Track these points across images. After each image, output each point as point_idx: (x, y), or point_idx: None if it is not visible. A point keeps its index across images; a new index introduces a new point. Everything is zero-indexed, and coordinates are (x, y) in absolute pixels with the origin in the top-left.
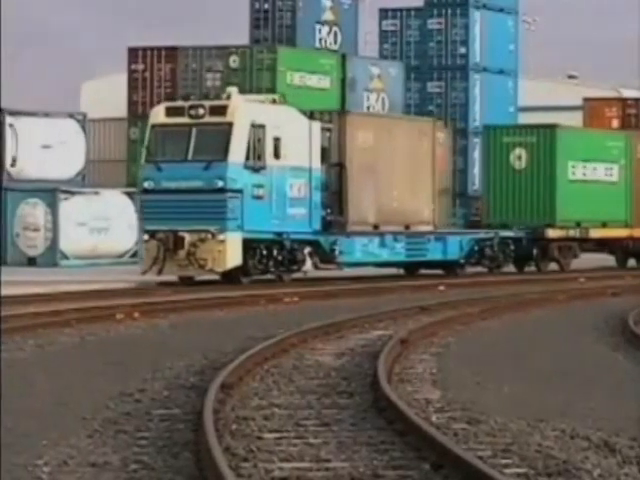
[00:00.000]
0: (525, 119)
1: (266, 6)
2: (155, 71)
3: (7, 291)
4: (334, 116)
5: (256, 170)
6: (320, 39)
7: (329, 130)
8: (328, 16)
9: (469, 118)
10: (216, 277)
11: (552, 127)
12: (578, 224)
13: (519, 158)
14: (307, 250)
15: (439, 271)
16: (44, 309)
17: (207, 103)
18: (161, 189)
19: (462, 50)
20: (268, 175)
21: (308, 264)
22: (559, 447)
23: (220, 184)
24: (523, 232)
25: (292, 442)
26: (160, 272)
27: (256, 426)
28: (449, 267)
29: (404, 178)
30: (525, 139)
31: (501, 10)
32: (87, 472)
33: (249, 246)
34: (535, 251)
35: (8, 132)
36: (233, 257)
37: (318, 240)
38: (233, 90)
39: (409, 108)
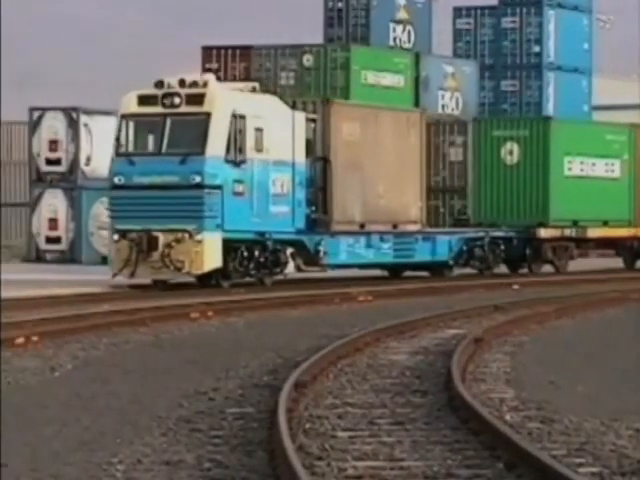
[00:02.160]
0: (599, 117)
1: (340, 5)
2: (229, 70)
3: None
4: (318, 106)
5: (237, 164)
6: (394, 38)
7: (313, 121)
8: (402, 15)
9: None
10: (192, 280)
11: (545, 120)
12: (575, 223)
13: (510, 153)
14: (290, 251)
15: (425, 273)
16: (119, 307)
17: (183, 91)
18: (133, 185)
19: (536, 49)
20: (249, 170)
21: (291, 266)
22: (633, 446)
23: (197, 179)
24: (514, 231)
25: (366, 441)
26: (132, 275)
27: (330, 425)
28: (437, 269)
29: (391, 173)
30: (517, 132)
31: (575, 8)
32: (161, 470)
33: (229, 247)
34: (527, 251)
35: (83, 131)
36: (212, 259)
37: (302, 240)
38: (210, 77)
39: (483, 107)
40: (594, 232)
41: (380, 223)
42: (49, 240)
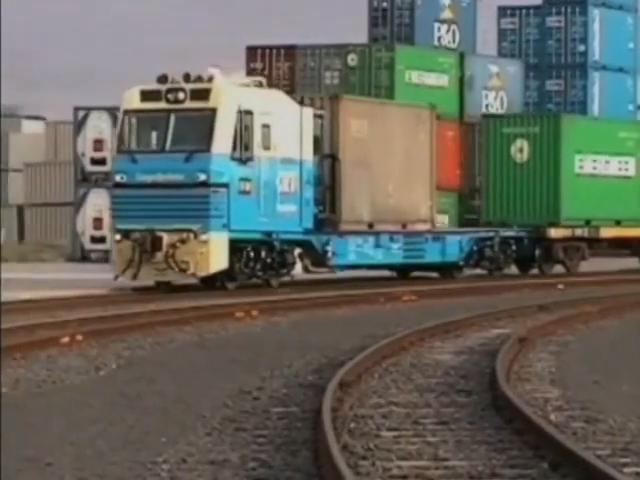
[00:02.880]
0: None
1: (385, 4)
2: (274, 70)
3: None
4: (326, 101)
5: (243, 162)
6: (438, 37)
7: (321, 117)
8: (447, 14)
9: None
10: (195, 282)
11: (556, 116)
12: (587, 223)
13: (520, 150)
14: (297, 251)
15: (434, 274)
16: (164, 307)
17: (187, 86)
18: (136, 183)
19: (581, 48)
20: (256, 168)
21: (298, 267)
22: None
23: (203, 178)
24: (525, 231)
25: (410, 440)
26: (135, 277)
27: (374, 424)
28: (446, 270)
29: (400, 171)
30: (527, 130)
31: (620, 8)
32: (206, 470)
33: (235, 247)
34: (538, 252)
35: None
36: (218, 260)
37: (310, 240)
38: (215, 71)
39: (527, 106)
40: (607, 232)
41: (389, 223)
42: (94, 240)
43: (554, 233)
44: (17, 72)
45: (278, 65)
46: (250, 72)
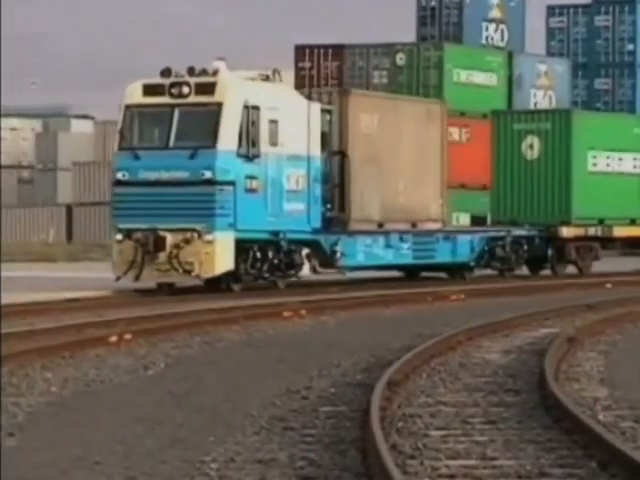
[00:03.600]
0: None
1: (433, 4)
2: (322, 69)
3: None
4: (334, 96)
5: (249, 159)
6: (486, 36)
7: (329, 112)
8: (495, 13)
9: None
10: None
11: (568, 112)
12: (601, 221)
13: (531, 147)
14: (305, 252)
15: (443, 274)
16: (213, 306)
17: (192, 80)
18: (138, 181)
19: (630, 47)
20: (263, 165)
21: (306, 268)
22: None
23: (208, 175)
24: (537, 230)
25: (459, 440)
26: (137, 278)
27: (422, 424)
28: (457, 270)
29: (410, 168)
30: (538, 126)
31: None
32: (254, 469)
33: (241, 247)
34: (550, 252)
35: None
36: (223, 261)
37: (318, 240)
38: (220, 64)
39: (576, 105)
40: (620, 231)
41: (399, 222)
42: None
43: (566, 232)
44: (67, 72)
45: (326, 64)
46: (298, 71)
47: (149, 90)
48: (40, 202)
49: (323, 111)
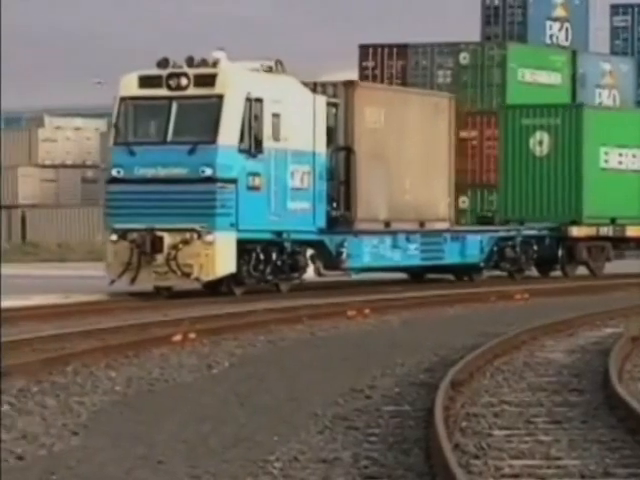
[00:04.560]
0: None
1: (497, 3)
2: (386, 68)
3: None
4: (339, 89)
5: (252, 155)
6: (551, 35)
7: (335, 106)
8: (559, 12)
9: None
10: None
11: (579, 107)
12: (613, 221)
13: (540, 143)
14: (309, 253)
15: (450, 276)
16: (276, 305)
17: (191, 71)
18: (134, 178)
19: None
20: (266, 161)
21: (310, 270)
22: None
23: (208, 172)
24: (547, 230)
25: (522, 439)
26: (133, 281)
27: (486, 423)
28: (464, 271)
29: (418, 165)
30: (547, 121)
31: None
32: (318, 468)
33: (243, 248)
34: (560, 252)
35: None
36: (225, 262)
37: (323, 241)
38: (221, 55)
39: None
40: (633, 231)
41: (406, 221)
42: None
43: (576, 232)
44: (132, 71)
45: (390, 63)
46: (362, 70)
47: (145, 81)
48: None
49: (329, 104)
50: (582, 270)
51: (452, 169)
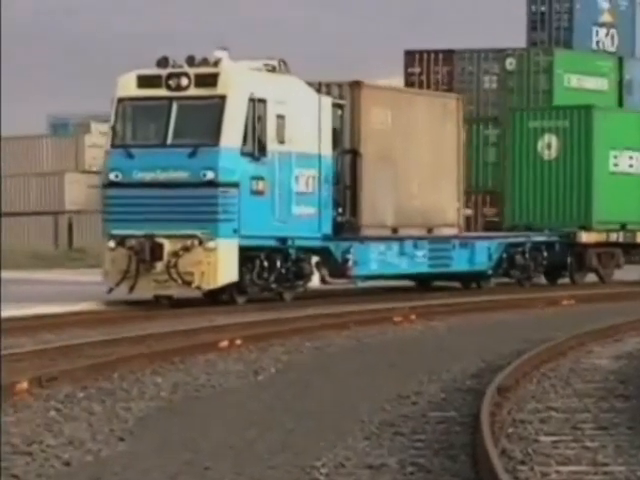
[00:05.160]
0: None
1: (543, 9)
2: (432, 74)
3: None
4: (345, 89)
5: (255, 158)
6: (597, 41)
7: (341, 107)
8: (606, 18)
9: None
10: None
11: (588, 108)
12: (623, 226)
13: (548, 146)
14: (315, 260)
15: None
16: (322, 311)
17: (192, 71)
18: (132, 182)
19: None
20: (270, 164)
21: (315, 278)
22: None
23: (210, 176)
24: (556, 236)
25: (569, 446)
26: (132, 290)
27: (533, 429)
28: (473, 279)
29: (425, 169)
30: (556, 123)
31: None
32: (364, 474)
33: (246, 256)
34: (569, 259)
35: None
36: (227, 270)
37: (328, 247)
38: (223, 54)
39: None
40: None
41: (414, 227)
42: None
43: (586, 238)
44: None
45: (436, 69)
46: (408, 76)
47: (144, 81)
48: None
49: (334, 105)
50: (591, 277)
51: (461, 173)
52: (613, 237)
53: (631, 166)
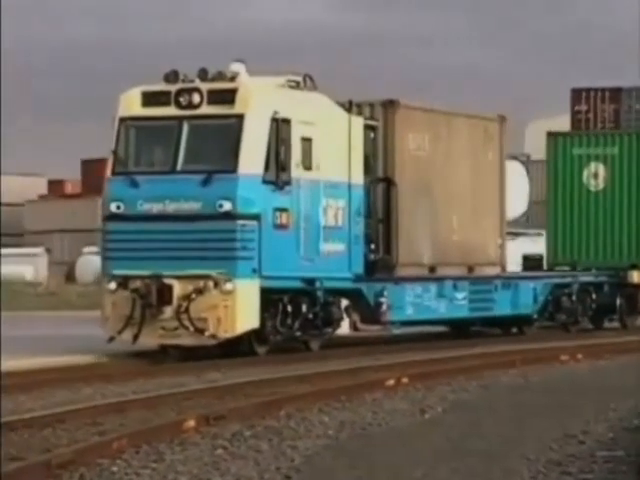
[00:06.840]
0: None
1: None
2: (599, 112)
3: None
4: (377, 110)
5: (279, 187)
6: None
7: (373, 129)
8: None
9: None
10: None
11: (638, 134)
12: None
13: (595, 176)
14: (345, 304)
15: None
16: (489, 350)
17: (205, 86)
18: (137, 214)
19: None
20: (295, 194)
21: (345, 325)
22: None
23: (227, 206)
24: (605, 275)
25: None
26: (135, 339)
27: None
28: (515, 324)
29: (466, 201)
30: (603, 150)
31: None
32: None
33: (268, 299)
34: (619, 301)
35: None
36: (246, 316)
37: (360, 289)
38: (239, 67)
39: None
40: None
41: (453, 265)
42: None
43: (637, 278)
44: None
45: (603, 107)
46: (574, 114)
47: (150, 99)
48: None
49: (366, 127)
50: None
51: (504, 205)
52: None
53: None
